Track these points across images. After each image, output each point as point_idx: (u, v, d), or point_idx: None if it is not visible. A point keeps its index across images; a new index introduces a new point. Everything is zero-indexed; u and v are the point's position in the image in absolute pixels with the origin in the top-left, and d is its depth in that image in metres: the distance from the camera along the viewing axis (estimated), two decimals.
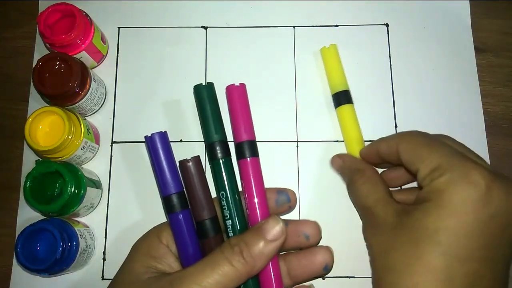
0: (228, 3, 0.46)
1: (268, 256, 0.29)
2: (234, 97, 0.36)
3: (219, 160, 0.34)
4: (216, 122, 0.35)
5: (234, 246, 0.29)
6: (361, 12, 0.46)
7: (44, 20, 0.40)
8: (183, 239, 0.32)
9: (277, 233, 0.29)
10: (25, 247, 0.36)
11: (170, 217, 0.32)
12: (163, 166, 0.33)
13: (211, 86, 0.36)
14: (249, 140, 0.35)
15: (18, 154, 0.43)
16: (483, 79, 0.44)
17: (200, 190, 0.33)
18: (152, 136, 0.33)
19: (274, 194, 0.36)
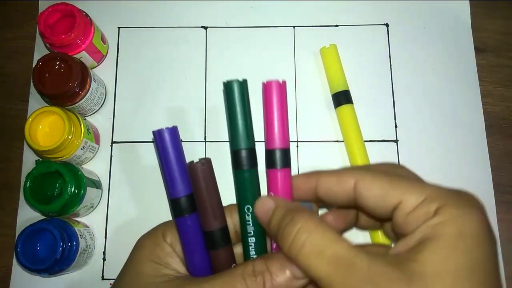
0: (228, 3, 0.46)
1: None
2: (273, 96, 0.31)
3: (244, 169, 0.30)
4: (247, 126, 0.31)
5: (258, 275, 0.26)
6: (361, 12, 0.46)
7: (44, 20, 0.40)
8: (190, 245, 0.30)
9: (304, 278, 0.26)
10: (25, 247, 0.36)
11: (177, 221, 0.30)
12: (173, 165, 0.29)
13: (245, 84, 0.31)
14: (283, 148, 0.31)
15: (18, 154, 0.43)
16: (483, 79, 0.44)
17: (211, 197, 0.29)
18: (161, 132, 0.29)
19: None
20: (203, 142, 0.43)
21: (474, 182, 0.42)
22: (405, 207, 0.25)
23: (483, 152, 0.43)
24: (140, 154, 0.42)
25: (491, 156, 0.43)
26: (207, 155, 0.42)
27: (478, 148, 0.43)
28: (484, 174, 0.42)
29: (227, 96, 0.31)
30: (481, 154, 0.43)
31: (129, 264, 0.30)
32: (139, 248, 0.31)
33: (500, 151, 0.43)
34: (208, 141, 0.43)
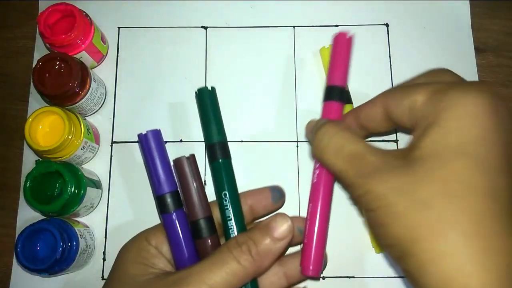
0: (228, 3, 0.46)
1: (275, 254, 0.28)
2: (340, 46, 0.38)
3: (219, 160, 0.35)
4: (217, 124, 0.36)
5: (242, 244, 0.28)
6: (361, 12, 0.46)
7: (44, 20, 0.40)
8: (177, 239, 0.31)
9: (285, 231, 0.28)
10: (25, 247, 0.36)
11: (164, 217, 0.32)
12: (157, 164, 0.32)
13: (214, 91, 0.37)
14: (342, 86, 0.37)
15: (18, 154, 0.43)
16: (483, 79, 0.44)
17: (195, 189, 0.32)
18: (146, 134, 0.33)
19: (268, 192, 0.36)
20: (203, 142, 0.43)
21: None
22: (416, 104, 0.26)
23: None
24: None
25: None
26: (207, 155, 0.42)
27: None
28: None
29: (200, 101, 0.37)
30: None
31: (115, 268, 0.31)
32: (124, 253, 0.32)
33: None
34: None
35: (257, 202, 0.35)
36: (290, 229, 0.29)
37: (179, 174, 0.33)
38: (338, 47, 0.39)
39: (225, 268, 0.27)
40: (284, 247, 0.29)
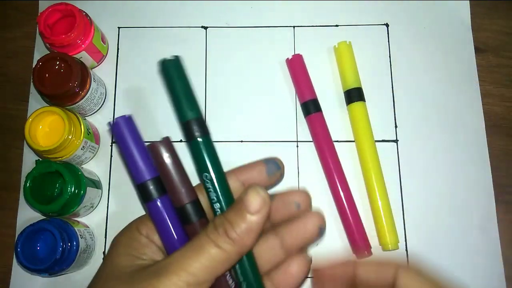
0: (228, 3, 0.46)
1: (256, 230, 0.27)
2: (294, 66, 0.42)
3: (197, 139, 0.30)
4: (189, 97, 0.31)
5: (219, 227, 0.27)
6: (361, 12, 0.46)
7: (44, 20, 0.40)
8: (165, 227, 0.29)
9: (259, 204, 0.26)
10: (25, 247, 0.36)
11: (148, 206, 0.30)
12: (133, 151, 0.29)
13: (178, 59, 0.32)
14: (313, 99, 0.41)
15: (18, 154, 0.43)
16: (483, 79, 0.44)
17: (176, 173, 0.29)
18: (116, 122, 0.29)
19: (263, 165, 0.33)
20: None
21: (474, 182, 0.42)
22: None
23: (483, 152, 0.43)
24: None
25: (491, 156, 0.43)
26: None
27: (478, 148, 0.43)
28: (484, 174, 0.42)
29: (166, 74, 0.32)
30: (481, 154, 0.43)
31: (105, 260, 0.30)
32: (115, 244, 0.31)
33: (500, 151, 0.43)
34: None
35: (251, 177, 0.32)
36: (265, 200, 0.27)
37: (157, 160, 0.30)
38: (294, 68, 0.43)
39: (204, 254, 0.26)
40: (262, 220, 0.27)
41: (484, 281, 0.40)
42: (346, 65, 0.43)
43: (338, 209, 0.40)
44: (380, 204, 0.40)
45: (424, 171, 0.42)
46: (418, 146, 0.43)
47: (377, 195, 0.40)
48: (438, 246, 0.40)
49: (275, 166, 0.33)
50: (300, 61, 0.43)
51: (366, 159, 0.41)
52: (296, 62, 0.43)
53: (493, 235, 0.41)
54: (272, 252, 0.31)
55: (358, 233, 0.39)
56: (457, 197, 0.41)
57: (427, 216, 0.41)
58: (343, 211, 0.40)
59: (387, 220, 0.39)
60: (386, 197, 0.40)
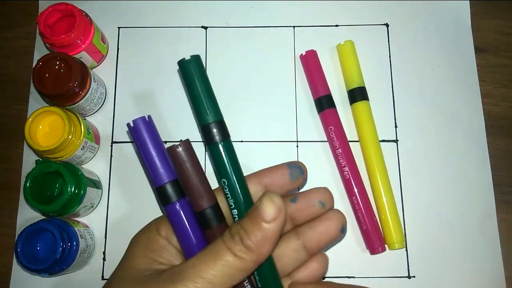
0: (228, 3, 0.46)
1: (272, 238, 0.26)
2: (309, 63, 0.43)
3: (218, 143, 0.30)
4: (209, 99, 0.30)
5: (235, 235, 0.26)
6: (361, 12, 0.46)
7: (44, 20, 0.40)
8: (184, 230, 0.29)
9: (274, 212, 0.26)
10: (25, 247, 0.36)
11: (166, 209, 0.29)
12: (152, 153, 0.29)
13: (198, 59, 0.30)
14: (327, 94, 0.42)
15: (18, 154, 0.43)
16: (483, 79, 0.44)
17: (196, 177, 0.29)
18: (136, 123, 0.29)
19: (286, 169, 0.32)
20: (203, 142, 0.43)
21: (474, 182, 0.42)
22: None
23: (483, 152, 0.43)
24: None
25: (491, 156, 0.43)
26: (207, 155, 0.42)
27: (478, 148, 0.43)
28: (484, 174, 0.42)
29: (186, 74, 0.30)
30: (481, 154, 0.43)
31: (123, 260, 0.30)
32: (134, 244, 0.30)
33: (500, 151, 0.43)
34: None
35: (273, 181, 0.32)
36: (280, 208, 0.26)
37: (176, 163, 0.29)
38: (308, 64, 0.43)
39: (221, 261, 0.26)
40: (280, 228, 0.27)
41: (484, 281, 0.40)
42: (350, 64, 0.43)
43: (352, 206, 0.41)
44: (386, 203, 0.40)
45: (424, 171, 0.42)
46: (418, 146, 0.43)
47: (383, 195, 0.40)
48: (438, 246, 0.40)
49: (299, 170, 0.32)
50: (314, 57, 0.43)
51: (371, 158, 0.41)
52: (310, 58, 0.43)
53: (493, 235, 0.41)
54: (294, 254, 0.31)
55: (373, 230, 0.40)
56: (457, 197, 0.41)
57: (427, 216, 0.41)
58: (357, 207, 0.40)
59: (393, 220, 0.40)
60: (392, 196, 0.40)
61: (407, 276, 0.40)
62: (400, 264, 0.40)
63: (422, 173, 0.42)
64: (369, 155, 0.41)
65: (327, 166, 0.42)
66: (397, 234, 0.39)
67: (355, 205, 0.40)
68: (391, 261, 0.40)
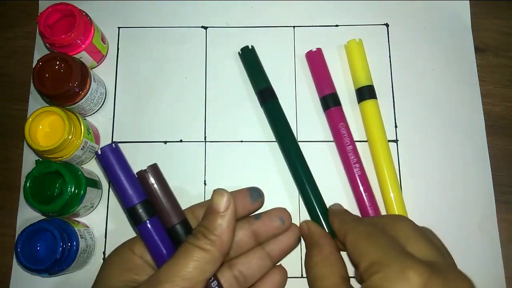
0: (228, 3, 0.46)
1: (230, 225, 0.30)
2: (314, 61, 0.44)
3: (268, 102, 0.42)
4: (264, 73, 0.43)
5: (197, 234, 0.30)
6: (361, 12, 0.46)
7: (44, 20, 0.40)
8: (156, 247, 0.31)
9: (226, 201, 0.30)
10: (25, 247, 0.36)
11: (138, 228, 0.31)
12: (121, 178, 0.31)
13: (253, 49, 0.43)
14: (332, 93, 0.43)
15: (18, 154, 0.43)
16: (483, 79, 0.44)
17: (164, 197, 0.32)
18: (103, 151, 0.31)
19: (246, 192, 0.37)
20: (203, 142, 0.43)
21: (474, 182, 0.42)
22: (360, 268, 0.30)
23: (483, 152, 0.43)
24: (140, 154, 0.42)
25: (491, 156, 0.43)
26: (207, 155, 0.42)
27: (478, 148, 0.43)
28: (484, 174, 0.42)
29: (247, 58, 0.43)
30: (481, 154, 0.43)
31: (97, 279, 0.31)
32: (108, 264, 0.32)
33: (500, 151, 0.43)
34: (208, 141, 0.43)
35: (236, 202, 0.33)
36: (229, 198, 0.30)
37: (145, 186, 0.32)
38: (313, 62, 0.43)
39: (191, 257, 0.28)
40: (233, 216, 0.30)
41: (484, 281, 0.40)
42: (358, 63, 0.43)
43: (359, 203, 0.40)
44: (394, 202, 0.40)
45: (424, 171, 0.42)
46: (418, 146, 0.43)
47: (391, 194, 0.40)
48: None
49: (258, 194, 0.37)
50: (320, 55, 0.43)
51: (379, 157, 0.41)
52: (317, 56, 0.43)
53: (493, 235, 0.41)
54: (261, 260, 0.36)
55: None
56: (457, 197, 0.41)
57: (427, 216, 0.41)
58: (369, 204, 0.40)
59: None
60: (400, 195, 0.40)
61: None
62: None
63: (422, 173, 0.42)
64: (378, 153, 0.41)
65: (327, 165, 0.42)
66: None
67: (367, 201, 0.40)
68: None
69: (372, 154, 0.41)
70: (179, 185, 0.41)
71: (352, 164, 0.41)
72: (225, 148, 0.42)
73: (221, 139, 0.43)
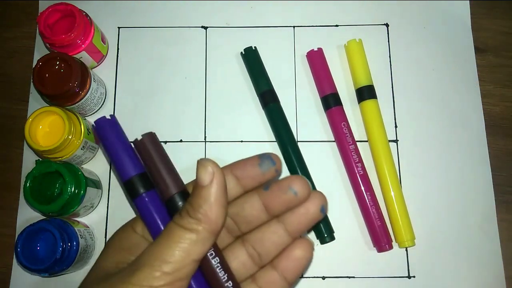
0: (228, 3, 0.46)
1: (217, 201, 0.26)
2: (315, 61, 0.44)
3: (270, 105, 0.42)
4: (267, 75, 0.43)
5: (182, 212, 0.27)
6: (361, 12, 0.46)
7: (44, 20, 0.40)
8: (154, 222, 0.29)
9: (209, 174, 0.26)
10: (25, 247, 0.36)
11: (135, 202, 0.29)
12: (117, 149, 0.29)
13: (256, 50, 0.44)
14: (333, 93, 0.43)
15: (18, 154, 0.43)
16: (483, 79, 0.44)
17: (162, 165, 0.29)
18: (99, 122, 0.29)
19: (255, 160, 0.31)
20: (203, 142, 0.43)
21: (474, 182, 0.42)
22: None
23: (483, 152, 0.43)
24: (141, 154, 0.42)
25: (491, 156, 0.43)
26: (207, 155, 0.42)
27: (478, 148, 0.43)
28: (484, 174, 0.42)
29: (249, 59, 0.43)
30: (481, 154, 0.43)
31: (96, 261, 0.30)
32: (107, 245, 0.30)
33: (500, 151, 0.43)
34: (208, 141, 0.43)
35: (244, 172, 0.31)
36: (212, 170, 0.26)
37: (142, 155, 0.30)
38: (314, 62, 0.43)
39: (175, 239, 0.26)
40: (219, 190, 0.27)
41: (484, 281, 0.40)
42: (358, 62, 0.43)
43: (361, 203, 0.40)
44: (396, 202, 0.40)
45: (424, 171, 0.42)
46: (418, 146, 0.43)
47: (392, 193, 0.40)
48: (438, 246, 0.40)
49: (270, 161, 0.31)
50: (321, 55, 0.43)
51: (380, 157, 0.41)
52: (317, 56, 0.43)
53: (493, 235, 0.41)
54: (276, 235, 0.30)
55: (384, 227, 0.40)
56: (457, 197, 0.41)
57: (427, 216, 0.41)
58: (371, 204, 0.40)
59: (402, 218, 0.40)
60: (401, 195, 0.40)
61: (407, 276, 0.40)
62: (400, 264, 0.40)
63: (422, 173, 0.42)
64: (379, 153, 0.41)
65: (328, 165, 0.42)
66: (407, 232, 0.39)
67: (369, 201, 0.40)
68: (391, 261, 0.40)
69: (373, 153, 0.41)
70: None
71: (354, 163, 0.41)
72: (225, 148, 0.42)
73: (221, 139, 0.43)
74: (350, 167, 0.41)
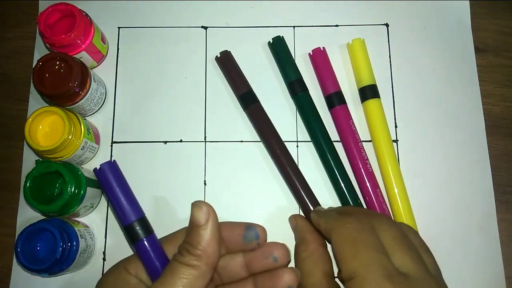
0: (228, 3, 0.46)
1: (213, 238, 0.29)
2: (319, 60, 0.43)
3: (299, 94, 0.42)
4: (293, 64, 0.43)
5: (182, 250, 0.29)
6: (361, 12, 0.46)
7: (44, 20, 0.40)
8: (154, 266, 0.31)
9: (205, 214, 0.29)
10: (25, 247, 0.36)
11: (135, 246, 0.31)
12: (118, 195, 0.31)
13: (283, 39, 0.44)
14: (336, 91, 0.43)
15: (18, 154, 0.43)
16: (483, 79, 0.44)
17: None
18: (101, 168, 0.32)
19: (242, 229, 0.34)
20: (203, 142, 0.43)
21: (474, 182, 0.42)
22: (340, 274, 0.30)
23: (483, 152, 0.43)
24: (140, 154, 0.42)
25: (491, 156, 0.43)
26: (207, 155, 0.42)
27: (478, 148, 0.43)
28: (484, 174, 0.42)
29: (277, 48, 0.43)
30: (481, 154, 0.43)
31: None
32: (102, 285, 0.32)
33: (500, 151, 0.43)
34: (208, 141, 0.43)
35: (228, 236, 0.34)
36: (208, 210, 0.30)
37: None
38: (318, 61, 0.43)
39: (178, 275, 0.28)
40: (215, 227, 0.30)
41: (484, 281, 0.40)
42: (361, 61, 0.43)
43: (366, 201, 0.40)
44: (400, 201, 0.40)
45: (424, 171, 0.42)
46: (418, 146, 0.43)
47: (397, 194, 0.40)
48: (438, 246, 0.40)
49: (254, 235, 0.34)
50: (324, 54, 0.43)
51: (384, 156, 0.41)
52: (321, 55, 0.43)
53: (493, 235, 0.41)
54: None
55: None
56: (457, 197, 0.41)
57: (427, 216, 0.41)
58: (381, 200, 0.40)
59: (407, 217, 0.39)
60: (406, 194, 0.40)
61: None
62: None
63: (422, 173, 0.42)
64: (383, 152, 0.41)
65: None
66: None
67: (378, 197, 0.40)
68: None
69: (377, 153, 0.41)
70: (179, 185, 0.41)
71: (364, 161, 0.40)
72: (225, 148, 0.42)
73: (221, 139, 0.43)
74: (358, 166, 0.41)
